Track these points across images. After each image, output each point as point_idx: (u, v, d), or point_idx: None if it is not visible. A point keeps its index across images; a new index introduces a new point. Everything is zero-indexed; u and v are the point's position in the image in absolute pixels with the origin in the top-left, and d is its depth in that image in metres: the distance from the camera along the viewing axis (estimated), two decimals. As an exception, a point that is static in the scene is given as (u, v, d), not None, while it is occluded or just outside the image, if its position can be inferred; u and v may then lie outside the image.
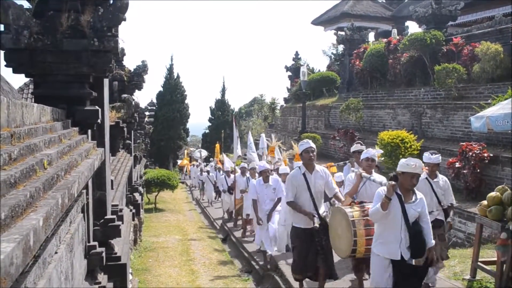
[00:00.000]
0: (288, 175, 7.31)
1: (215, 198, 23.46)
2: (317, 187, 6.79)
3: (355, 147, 8.59)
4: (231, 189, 16.37)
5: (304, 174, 6.78)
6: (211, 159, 34.33)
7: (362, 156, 7.03)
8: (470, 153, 11.71)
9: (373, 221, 5.64)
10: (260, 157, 15.93)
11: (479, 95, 14.61)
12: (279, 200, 10.08)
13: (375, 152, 7.18)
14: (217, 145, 26.84)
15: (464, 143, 12.30)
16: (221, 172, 20.09)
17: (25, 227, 1.98)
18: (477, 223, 7.22)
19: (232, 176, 16.44)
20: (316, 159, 7.07)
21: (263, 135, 18.20)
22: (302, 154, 6.84)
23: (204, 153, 38.63)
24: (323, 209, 6.95)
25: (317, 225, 6.61)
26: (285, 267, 8.78)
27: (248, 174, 14.02)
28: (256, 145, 17.40)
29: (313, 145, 6.86)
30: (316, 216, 6.64)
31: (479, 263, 7.01)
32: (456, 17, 19.33)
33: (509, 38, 14.53)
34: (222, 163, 20.65)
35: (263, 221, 10.10)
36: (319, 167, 6.98)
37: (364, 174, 6.73)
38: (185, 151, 44.05)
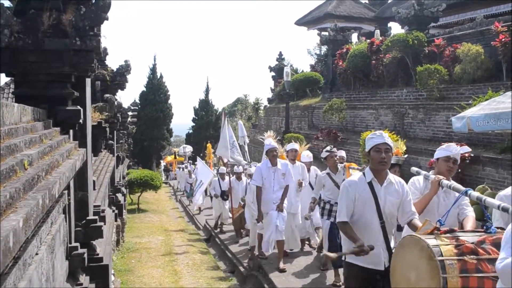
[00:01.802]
0: (344, 181, 4.99)
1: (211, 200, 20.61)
2: (389, 206, 4.51)
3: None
4: (225, 195, 14.74)
5: (371, 184, 4.52)
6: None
7: (440, 154, 5.10)
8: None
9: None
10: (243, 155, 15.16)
11: (460, 96, 14.77)
12: (287, 188, 8.88)
13: (459, 150, 5.37)
14: (209, 145, 26.64)
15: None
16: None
17: (5, 228, 1.95)
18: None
19: (226, 179, 14.84)
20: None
21: (240, 122, 17.71)
22: (370, 152, 4.55)
23: (189, 148, 38.46)
24: (393, 242, 4.69)
25: (385, 264, 4.45)
26: (268, 267, 8.81)
27: (244, 178, 13.25)
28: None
29: (391, 143, 4.62)
30: (383, 250, 4.50)
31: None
32: (438, 18, 19.51)
33: (490, 39, 14.71)
34: (213, 164, 19.72)
35: (264, 216, 8.85)
36: (394, 177, 4.66)
37: (444, 181, 4.78)
38: (172, 150, 43.93)
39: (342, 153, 9.33)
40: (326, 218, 7.92)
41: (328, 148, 8.18)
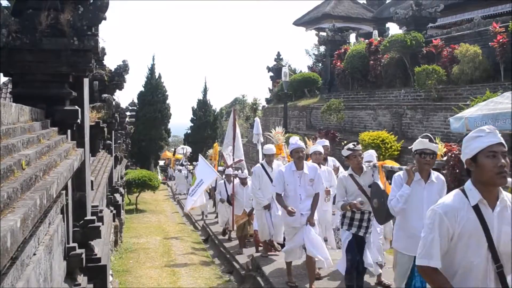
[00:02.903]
0: (437, 207, 3.11)
1: (214, 206, 18.56)
2: (505, 242, 2.96)
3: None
4: (231, 199, 13.07)
5: (477, 209, 2.98)
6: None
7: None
8: (450, 154, 11.84)
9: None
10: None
11: (458, 96, 14.80)
12: (317, 197, 7.31)
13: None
14: (215, 145, 26.38)
15: (443, 144, 12.45)
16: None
17: (2, 228, 1.95)
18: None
19: (234, 182, 13.20)
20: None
21: (257, 119, 16.24)
22: (476, 159, 3.00)
23: (188, 149, 38.33)
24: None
25: None
26: (267, 267, 8.79)
27: (249, 183, 11.39)
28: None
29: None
30: None
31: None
32: (436, 19, 19.55)
33: (488, 40, 14.74)
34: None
35: (290, 232, 7.43)
36: (507, 197, 3.09)
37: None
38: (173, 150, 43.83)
39: (372, 154, 7.76)
40: (346, 228, 6.52)
41: (350, 145, 6.66)
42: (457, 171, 11.71)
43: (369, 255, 6.47)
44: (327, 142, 9.44)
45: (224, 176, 14.17)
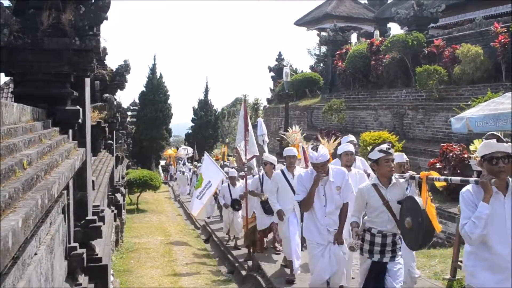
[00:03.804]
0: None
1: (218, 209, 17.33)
2: None
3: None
4: (236, 204, 12.12)
5: None
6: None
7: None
8: (451, 154, 11.84)
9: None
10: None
11: (459, 97, 14.80)
12: (346, 208, 6.01)
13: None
14: (225, 147, 26.18)
15: (444, 144, 12.44)
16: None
17: (4, 228, 1.95)
18: (458, 223, 7.28)
19: (238, 184, 12.55)
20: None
21: (260, 119, 15.14)
22: None
23: (190, 150, 38.25)
24: None
25: None
26: (267, 267, 8.79)
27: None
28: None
29: None
30: None
31: (459, 263, 7.08)
32: (438, 19, 19.54)
33: (489, 40, 14.73)
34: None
35: (312, 248, 6.09)
36: None
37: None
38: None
39: (403, 157, 6.60)
40: (368, 256, 5.18)
41: (384, 146, 5.20)
42: (458, 171, 11.71)
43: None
44: (352, 137, 7.93)
45: (227, 177, 13.16)
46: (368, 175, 6.95)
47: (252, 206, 10.43)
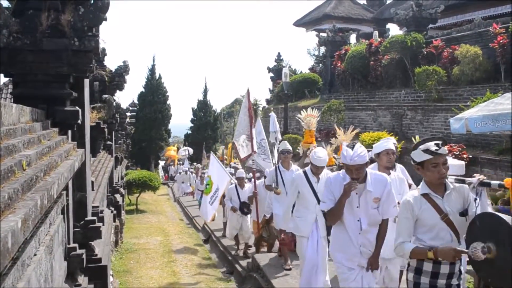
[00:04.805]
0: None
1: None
2: None
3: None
4: (245, 207, 10.87)
5: None
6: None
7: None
8: (450, 154, 11.85)
9: None
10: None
11: (458, 97, 14.82)
12: (386, 225, 4.87)
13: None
14: (230, 146, 26.01)
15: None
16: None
17: (3, 229, 1.95)
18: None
19: (246, 186, 11.21)
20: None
21: (273, 114, 13.88)
22: None
23: (191, 151, 38.16)
24: None
25: None
26: (267, 268, 8.79)
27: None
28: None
29: None
30: None
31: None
32: (436, 20, 19.56)
33: (488, 41, 14.74)
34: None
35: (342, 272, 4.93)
36: None
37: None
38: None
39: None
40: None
41: (432, 145, 3.74)
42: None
43: None
44: (394, 140, 6.30)
45: (235, 178, 11.73)
46: (410, 186, 5.82)
47: (262, 207, 9.84)
